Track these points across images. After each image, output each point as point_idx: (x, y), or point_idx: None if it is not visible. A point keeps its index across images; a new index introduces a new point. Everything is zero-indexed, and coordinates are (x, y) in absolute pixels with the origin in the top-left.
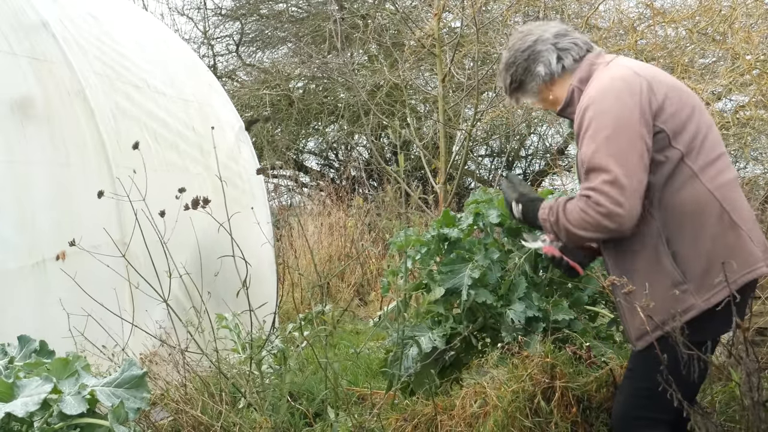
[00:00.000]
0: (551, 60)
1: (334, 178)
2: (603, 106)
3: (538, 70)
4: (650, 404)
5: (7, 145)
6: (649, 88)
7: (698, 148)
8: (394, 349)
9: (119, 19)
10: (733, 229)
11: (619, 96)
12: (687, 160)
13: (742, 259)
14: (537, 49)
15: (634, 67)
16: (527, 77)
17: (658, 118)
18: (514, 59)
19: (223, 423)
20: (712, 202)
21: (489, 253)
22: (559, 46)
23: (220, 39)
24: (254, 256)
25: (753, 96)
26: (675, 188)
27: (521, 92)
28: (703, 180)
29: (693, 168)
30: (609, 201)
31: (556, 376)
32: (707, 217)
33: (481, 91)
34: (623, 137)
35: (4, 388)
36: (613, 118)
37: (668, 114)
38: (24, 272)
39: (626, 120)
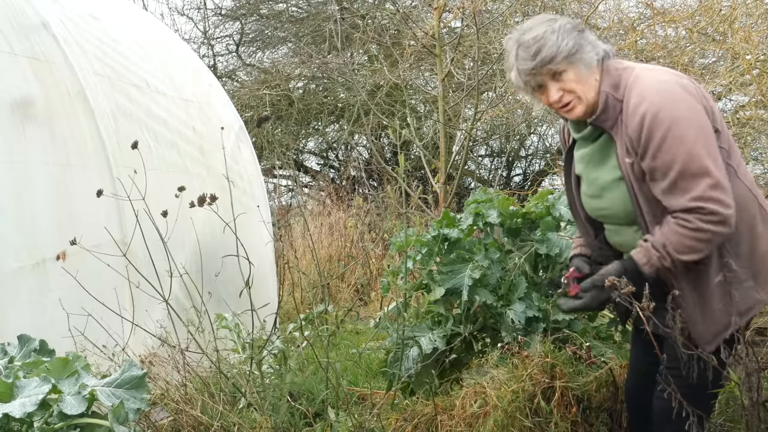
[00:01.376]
0: (597, 43)
1: (334, 178)
2: (676, 112)
3: (599, 43)
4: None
5: (7, 145)
6: (695, 90)
7: (733, 146)
8: (394, 349)
9: (119, 19)
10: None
11: (686, 99)
12: (729, 159)
13: None
14: (587, 36)
15: (667, 71)
16: (588, 45)
17: (712, 119)
18: (573, 26)
19: (223, 423)
20: (752, 199)
21: (489, 253)
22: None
23: (220, 39)
24: (255, 256)
25: (753, 96)
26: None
27: (578, 57)
28: (741, 177)
29: (734, 165)
30: (722, 206)
31: (556, 376)
32: (751, 214)
33: (481, 91)
34: (707, 140)
35: (3, 389)
36: (692, 123)
37: (713, 114)
38: (24, 272)
39: (703, 122)
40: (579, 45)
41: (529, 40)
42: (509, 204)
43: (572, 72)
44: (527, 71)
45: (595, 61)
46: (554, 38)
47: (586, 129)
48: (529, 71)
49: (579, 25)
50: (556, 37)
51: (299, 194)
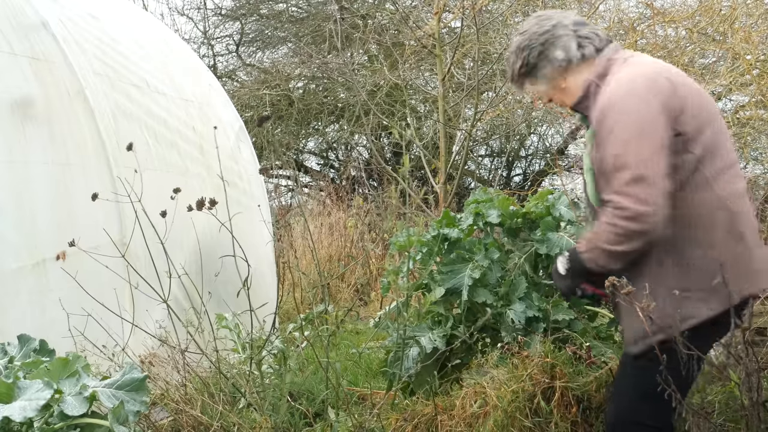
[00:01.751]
0: (571, 46)
1: (334, 178)
2: (626, 106)
3: (556, 55)
4: (651, 410)
5: (7, 145)
6: (671, 88)
7: (713, 153)
8: (394, 349)
9: (119, 19)
10: (741, 239)
11: (643, 96)
12: (702, 165)
13: (746, 271)
14: (557, 33)
15: (656, 65)
16: (541, 61)
17: (678, 119)
18: (529, 42)
19: (223, 423)
20: (724, 210)
21: (489, 253)
22: (579, 33)
23: (220, 39)
24: (254, 256)
25: (753, 96)
26: (688, 193)
27: (530, 78)
28: (716, 187)
29: (707, 174)
30: (633, 201)
31: (556, 376)
32: (718, 225)
33: (481, 91)
34: (648, 139)
35: (3, 389)
36: (637, 119)
37: (689, 116)
38: (24, 272)
39: (651, 121)
40: (530, 65)
41: (506, 54)
42: (509, 204)
43: (533, 83)
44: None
45: (549, 74)
46: (512, 60)
47: (578, 115)
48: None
49: (542, 35)
50: (513, 60)
51: (299, 194)
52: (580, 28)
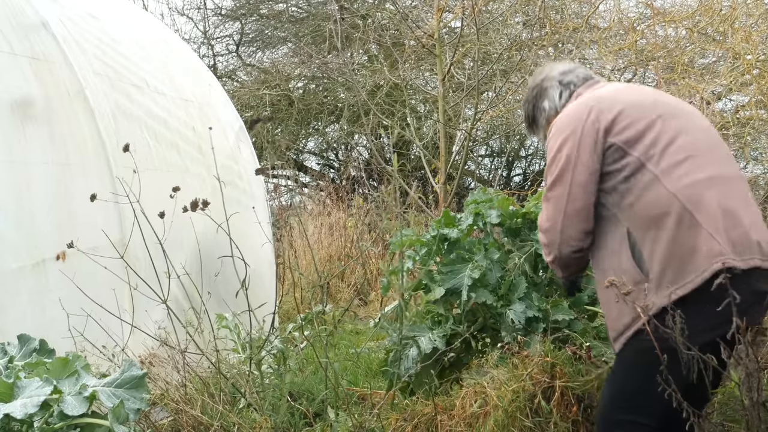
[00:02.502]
0: (555, 95)
1: (334, 178)
2: (551, 144)
3: (544, 105)
4: (629, 407)
5: (7, 145)
6: (597, 112)
7: (660, 152)
8: (393, 349)
9: (119, 19)
10: (692, 229)
11: (563, 133)
12: (648, 164)
13: (697, 260)
14: (544, 86)
15: (595, 95)
16: (537, 113)
17: (609, 134)
18: (527, 97)
19: (223, 423)
20: (674, 204)
21: (489, 253)
22: (563, 81)
23: (220, 39)
24: (254, 256)
25: (753, 96)
26: (638, 191)
27: (536, 127)
28: (666, 182)
29: (655, 171)
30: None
31: (556, 375)
32: (668, 219)
33: (481, 91)
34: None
35: (4, 389)
36: (555, 159)
37: (621, 127)
38: (24, 272)
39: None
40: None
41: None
42: (509, 204)
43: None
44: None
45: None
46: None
47: None
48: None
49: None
50: (522, 112)
51: (299, 194)
52: (564, 77)
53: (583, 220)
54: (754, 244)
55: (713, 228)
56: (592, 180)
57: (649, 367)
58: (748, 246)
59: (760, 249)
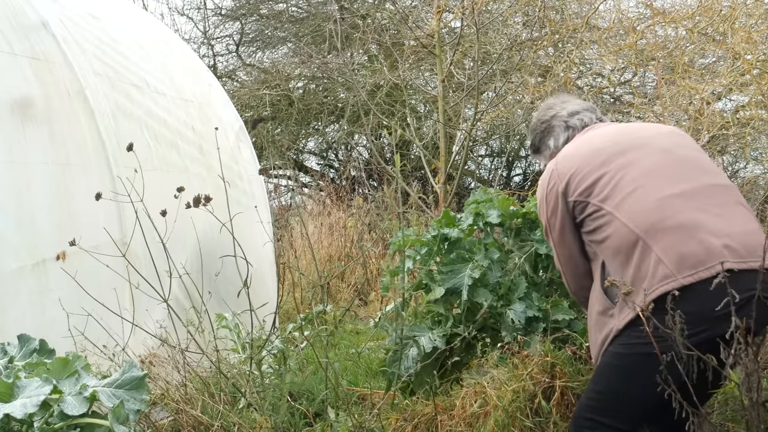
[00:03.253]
0: (560, 137)
1: (334, 178)
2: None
3: (549, 143)
4: (598, 408)
5: (7, 145)
6: (555, 177)
7: (611, 190)
8: (393, 349)
9: (119, 19)
10: (645, 254)
11: (538, 200)
12: (604, 206)
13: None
14: (552, 124)
15: (559, 156)
16: (542, 145)
17: (567, 195)
18: (535, 127)
19: (223, 423)
20: (628, 235)
21: (489, 253)
22: (568, 123)
23: (220, 39)
24: (255, 256)
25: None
26: (603, 230)
27: (539, 155)
28: (619, 216)
29: (609, 209)
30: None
31: (556, 375)
32: (626, 249)
33: (481, 91)
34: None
35: (4, 389)
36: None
37: (574, 186)
38: (24, 272)
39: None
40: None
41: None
42: (509, 204)
43: (541, 160)
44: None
45: (549, 156)
46: (529, 134)
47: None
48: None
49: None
50: (529, 136)
51: (299, 194)
52: (571, 119)
53: (573, 266)
54: (717, 250)
55: (661, 249)
56: (566, 235)
57: (622, 371)
58: (708, 254)
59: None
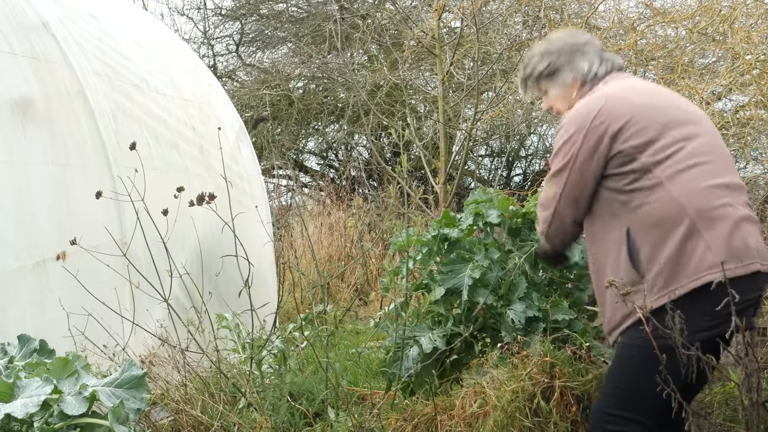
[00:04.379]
0: (595, 63)
1: (334, 178)
2: (560, 134)
3: (582, 65)
4: (620, 402)
5: (7, 145)
6: (605, 115)
7: (667, 158)
8: (394, 349)
9: (119, 19)
10: (693, 236)
11: (571, 128)
12: (655, 170)
13: (691, 267)
14: (586, 49)
15: (608, 93)
16: (566, 68)
17: (616, 141)
18: (559, 48)
19: (223, 423)
20: (677, 210)
21: (489, 253)
22: (603, 57)
23: (220, 39)
24: (255, 256)
25: (753, 96)
26: (643, 195)
27: (549, 80)
28: (670, 187)
29: (661, 177)
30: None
31: (555, 375)
32: (670, 224)
33: (481, 91)
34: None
35: (4, 389)
36: (560, 151)
37: (629, 134)
38: (24, 272)
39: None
40: (554, 68)
41: (527, 56)
42: (509, 204)
43: (552, 91)
44: (520, 86)
45: (569, 81)
46: (536, 60)
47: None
48: (520, 85)
49: (574, 45)
50: (538, 60)
51: (299, 194)
52: (604, 54)
53: (574, 210)
54: (752, 249)
55: (711, 237)
56: (586, 181)
57: (641, 364)
58: (747, 252)
59: (758, 253)
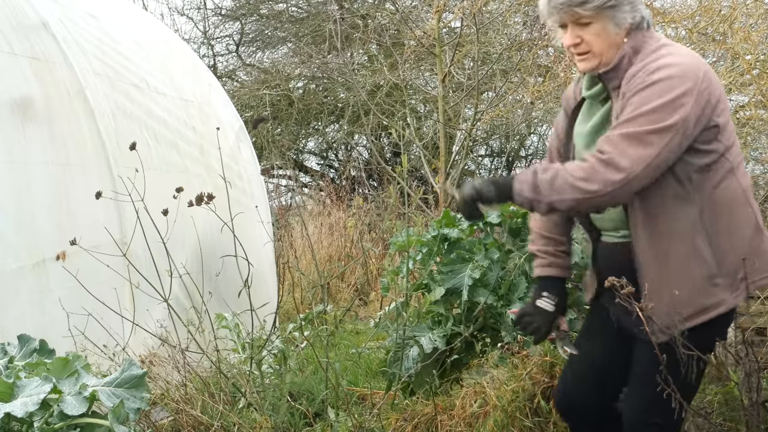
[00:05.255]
0: (641, 7)
1: (334, 178)
2: (670, 84)
3: (641, 8)
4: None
5: (7, 145)
6: (709, 81)
7: (735, 146)
8: (394, 349)
9: (119, 19)
10: (758, 230)
11: (685, 83)
12: (728, 155)
13: (764, 262)
14: None
15: (692, 54)
16: (627, 4)
17: (715, 111)
18: None
19: (223, 423)
20: (744, 201)
21: (489, 253)
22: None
23: (220, 39)
24: (255, 256)
25: (753, 96)
26: (717, 179)
27: (611, 12)
28: (738, 177)
29: (733, 164)
30: (617, 152)
31: (555, 375)
32: (741, 214)
33: (481, 91)
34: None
35: (4, 388)
36: (670, 105)
37: (722, 108)
38: (24, 272)
39: (680, 118)
40: (618, 1)
41: None
42: (509, 204)
43: (598, 25)
44: (557, 6)
45: (628, 23)
46: None
47: (597, 87)
48: (558, 6)
49: None
50: None
51: (299, 194)
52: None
53: (645, 184)
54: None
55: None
56: (680, 151)
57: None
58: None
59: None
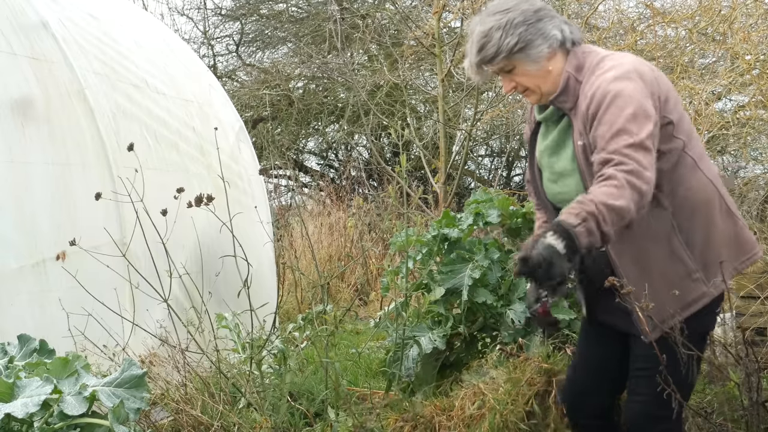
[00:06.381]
0: (564, 28)
1: (334, 178)
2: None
3: (553, 33)
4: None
5: (7, 145)
6: (656, 75)
7: (693, 138)
8: (394, 349)
9: (119, 19)
10: (730, 217)
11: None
12: (688, 150)
13: (742, 246)
14: (550, 13)
15: (638, 60)
16: (538, 38)
17: (665, 108)
18: (524, 18)
19: (223, 423)
20: (713, 191)
21: (489, 253)
22: (565, 20)
23: (220, 39)
24: (255, 256)
25: (753, 96)
26: (682, 177)
27: (522, 54)
28: (703, 169)
29: (693, 157)
30: (634, 162)
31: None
32: (712, 206)
33: (481, 91)
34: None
35: (4, 389)
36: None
37: (672, 104)
38: (24, 272)
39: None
40: (526, 41)
41: (477, 34)
42: (509, 204)
43: (519, 68)
44: (471, 68)
45: (546, 53)
46: (497, 36)
47: (548, 110)
48: (475, 65)
49: (537, 12)
50: (500, 35)
51: (299, 194)
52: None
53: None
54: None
55: (740, 217)
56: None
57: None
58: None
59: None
